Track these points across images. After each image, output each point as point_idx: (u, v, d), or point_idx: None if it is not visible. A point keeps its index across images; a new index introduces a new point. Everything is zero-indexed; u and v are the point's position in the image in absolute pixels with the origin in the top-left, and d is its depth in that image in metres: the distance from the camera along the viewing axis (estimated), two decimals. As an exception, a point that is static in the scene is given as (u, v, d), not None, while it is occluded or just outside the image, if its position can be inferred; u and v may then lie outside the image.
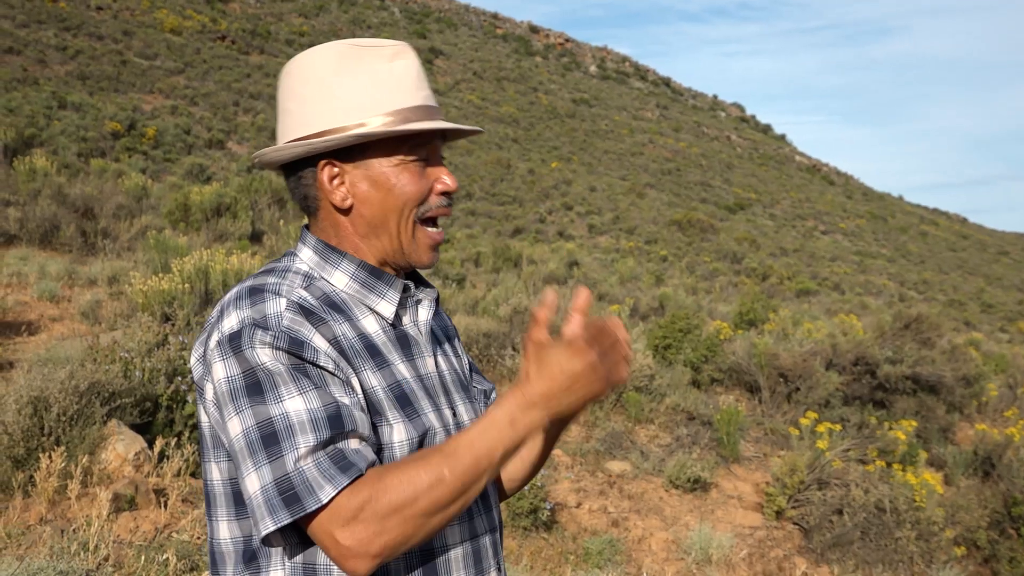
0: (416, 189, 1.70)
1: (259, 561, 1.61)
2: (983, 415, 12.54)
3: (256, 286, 1.64)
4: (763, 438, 9.79)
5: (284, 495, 1.43)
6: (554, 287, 17.18)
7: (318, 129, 1.67)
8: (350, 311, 1.70)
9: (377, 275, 1.73)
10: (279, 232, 14.20)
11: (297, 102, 1.71)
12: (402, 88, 1.69)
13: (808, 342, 11.89)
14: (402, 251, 1.73)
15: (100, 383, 5.93)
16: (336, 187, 1.70)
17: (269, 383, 1.51)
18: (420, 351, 1.76)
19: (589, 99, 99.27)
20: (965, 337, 20.49)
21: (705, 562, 6.89)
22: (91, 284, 11.18)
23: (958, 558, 7.83)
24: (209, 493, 1.68)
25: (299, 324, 1.58)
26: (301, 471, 1.44)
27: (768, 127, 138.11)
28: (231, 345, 1.55)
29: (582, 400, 1.48)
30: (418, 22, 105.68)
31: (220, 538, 1.67)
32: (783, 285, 31.61)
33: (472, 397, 1.88)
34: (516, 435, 1.47)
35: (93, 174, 22.64)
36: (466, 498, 1.47)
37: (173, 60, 53.19)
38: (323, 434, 1.47)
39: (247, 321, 1.57)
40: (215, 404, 1.58)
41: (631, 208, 54.71)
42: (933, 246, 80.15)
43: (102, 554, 4.64)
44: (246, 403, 1.51)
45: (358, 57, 1.69)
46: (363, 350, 1.65)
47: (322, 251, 1.73)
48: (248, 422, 1.49)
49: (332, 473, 1.43)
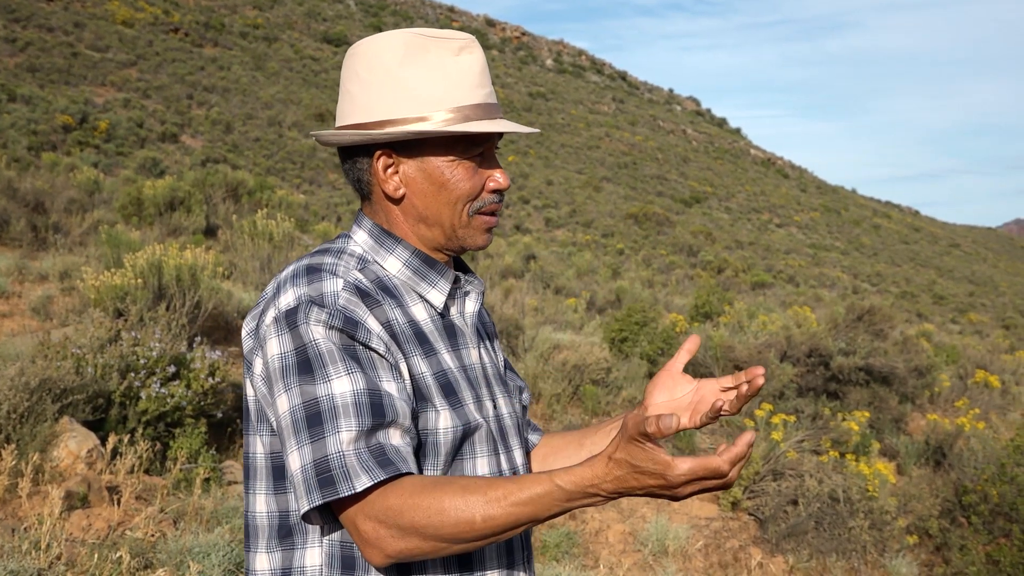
0: (469, 186, 1.72)
1: (294, 538, 1.65)
2: (935, 405, 12.71)
3: (313, 265, 1.66)
4: (719, 430, 9.86)
5: (320, 476, 1.47)
6: (511, 280, 17.20)
7: (378, 118, 1.69)
8: (401, 297, 1.72)
9: (430, 264, 1.76)
10: (233, 226, 14.06)
11: (360, 86, 1.72)
12: (465, 84, 1.70)
13: (763, 334, 12.00)
14: (456, 237, 1.76)
15: (51, 380, 5.86)
16: (389, 176, 1.73)
17: (319, 362, 1.54)
18: (465, 342, 1.79)
19: (546, 93, 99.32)
20: (917, 329, 20.76)
21: (662, 554, 6.93)
22: (42, 279, 11.02)
23: (910, 546, 7.94)
24: (250, 466, 1.71)
25: (355, 304, 1.60)
26: (341, 455, 1.47)
27: (724, 121, 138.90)
28: (287, 321, 1.58)
29: (638, 494, 1.44)
30: (374, 15, 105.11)
31: (256, 511, 1.70)
32: (738, 278, 31.83)
33: (510, 392, 1.91)
34: (564, 509, 1.45)
35: (44, 168, 22.37)
36: (491, 541, 1.48)
37: (125, 52, 52.57)
38: (366, 421, 1.50)
39: (304, 298, 1.59)
40: (264, 379, 1.61)
41: (588, 202, 54.89)
42: (886, 239, 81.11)
43: (54, 552, 4.58)
44: (295, 381, 1.54)
45: (424, 48, 1.69)
46: (413, 336, 1.68)
47: (377, 235, 1.76)
48: (295, 401, 1.53)
49: (370, 465, 1.47)
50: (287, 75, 64.47)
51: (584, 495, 1.42)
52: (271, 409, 1.60)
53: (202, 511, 5.63)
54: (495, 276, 17.90)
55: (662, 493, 1.41)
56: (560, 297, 16.91)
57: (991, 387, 13.48)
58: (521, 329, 11.12)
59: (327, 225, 20.10)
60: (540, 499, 1.43)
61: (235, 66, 60.68)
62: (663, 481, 1.39)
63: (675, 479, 1.38)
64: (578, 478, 1.42)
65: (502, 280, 17.32)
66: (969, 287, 60.37)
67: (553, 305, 15.14)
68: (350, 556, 1.61)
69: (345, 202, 34.65)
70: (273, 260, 12.11)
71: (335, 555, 1.61)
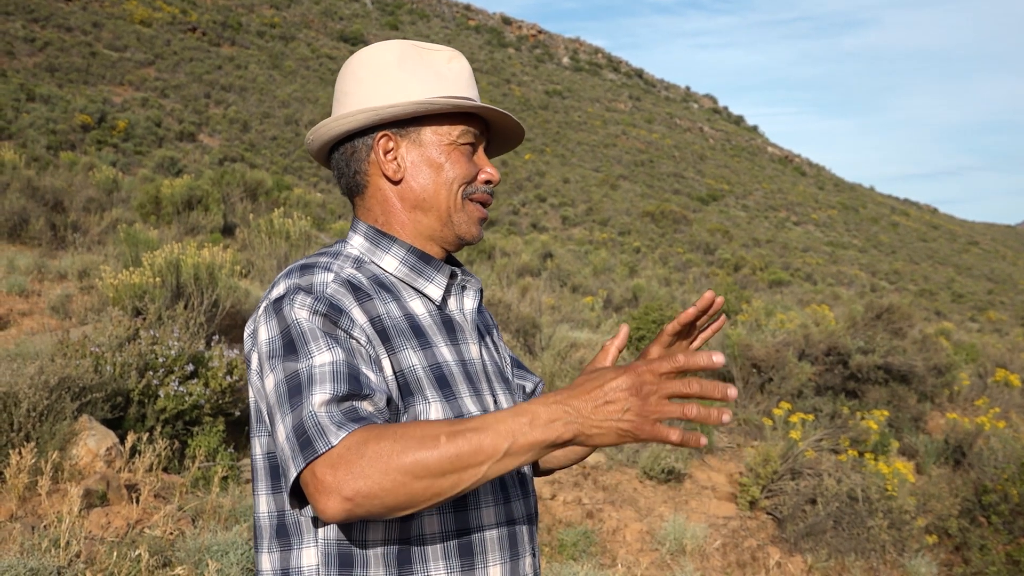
0: (464, 169, 1.80)
1: (291, 538, 1.65)
2: (954, 404, 12.65)
3: (307, 263, 1.71)
4: (736, 429, 9.83)
5: (300, 439, 1.45)
6: (528, 279, 17.18)
7: (381, 103, 1.77)
8: (398, 292, 1.76)
9: (426, 260, 1.80)
10: (250, 225, 14.10)
11: (357, 84, 1.81)
12: (458, 84, 1.81)
13: (781, 333, 11.95)
14: (451, 223, 1.81)
15: (70, 378, 5.88)
16: (390, 160, 1.79)
17: (301, 340, 1.56)
18: (464, 337, 1.81)
19: (562, 91, 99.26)
20: (936, 327, 20.65)
21: (679, 552, 6.91)
22: (61, 278, 11.08)
23: (930, 546, 7.89)
24: (254, 468, 1.73)
25: (342, 295, 1.64)
26: (315, 415, 1.45)
27: (740, 118, 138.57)
28: (274, 308, 1.63)
29: (612, 428, 1.37)
30: (390, 13, 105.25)
31: (260, 512, 1.71)
32: (756, 276, 31.75)
33: (512, 389, 1.92)
34: (530, 438, 1.38)
35: (63, 167, 22.45)
36: (458, 478, 1.38)
37: (143, 52, 52.80)
38: (342, 387, 1.49)
39: (292, 287, 1.64)
40: (258, 372, 1.62)
41: (604, 200, 54.82)
42: (904, 236, 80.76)
43: (73, 550, 4.60)
44: (280, 361, 1.56)
45: (418, 55, 1.81)
46: (407, 329, 1.71)
47: (372, 236, 1.81)
48: (279, 377, 1.54)
49: (342, 421, 1.44)
50: (304, 74, 64.65)
51: (547, 411, 1.38)
52: (263, 399, 1.59)
53: (220, 509, 5.64)
54: (512, 275, 17.89)
55: (622, 398, 1.36)
56: (577, 295, 16.90)
57: (1011, 386, 13.41)
58: (538, 327, 11.11)
59: (344, 223, 20.13)
60: (503, 420, 1.39)
61: (252, 65, 60.86)
62: (620, 371, 1.38)
63: (634, 368, 1.37)
64: (540, 399, 1.40)
65: (519, 279, 17.31)
66: (988, 285, 60.07)
67: (570, 303, 15.13)
68: (347, 554, 1.60)
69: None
70: (290, 258, 12.13)
71: (331, 554, 1.60)
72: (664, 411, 1.35)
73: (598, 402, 1.37)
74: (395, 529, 1.60)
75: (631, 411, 1.35)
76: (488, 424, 1.39)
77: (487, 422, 1.39)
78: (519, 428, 1.38)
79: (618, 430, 1.37)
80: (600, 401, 1.37)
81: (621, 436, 1.37)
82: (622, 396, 1.36)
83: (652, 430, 1.35)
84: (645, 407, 1.35)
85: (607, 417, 1.36)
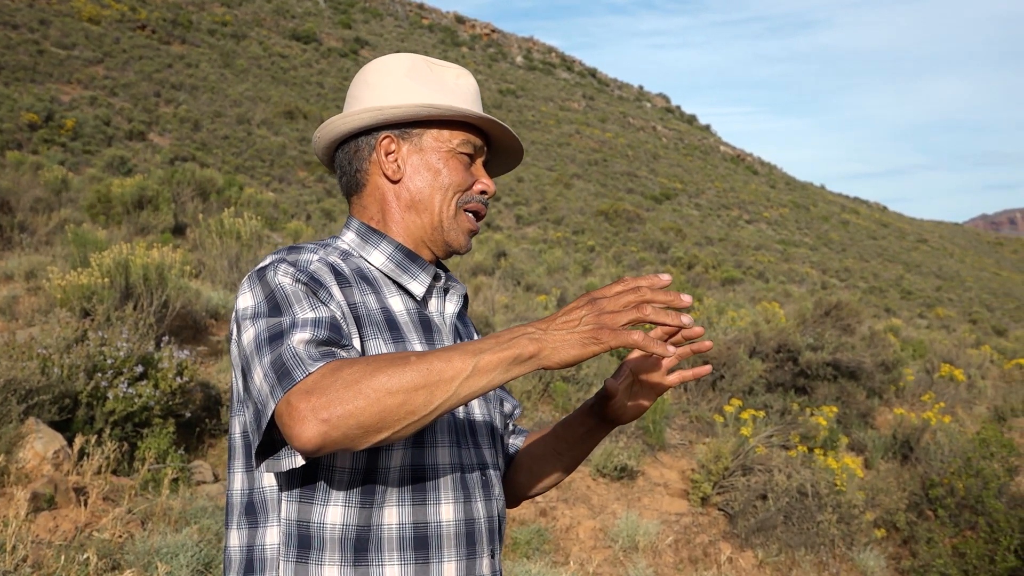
0: (461, 177, 1.87)
1: (258, 516, 1.68)
2: (901, 400, 12.82)
3: (296, 246, 1.78)
4: (688, 426, 9.91)
5: (279, 371, 1.48)
6: (481, 278, 17.20)
7: (388, 104, 1.84)
8: (379, 287, 1.81)
9: (412, 258, 1.85)
10: (201, 225, 13.97)
11: (366, 88, 1.89)
12: (465, 98, 1.89)
13: (732, 330, 12.06)
14: (442, 228, 1.87)
15: (17, 380, 5.81)
16: (391, 161, 1.86)
17: (286, 303, 1.61)
18: (440, 339, 1.84)
19: (516, 90, 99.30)
20: (885, 323, 20.94)
21: (632, 549, 6.96)
22: (7, 279, 10.92)
23: (878, 540, 8.01)
24: (231, 447, 1.76)
25: (324, 274, 1.70)
26: (293, 348, 1.50)
27: (693, 117, 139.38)
28: (258, 275, 1.68)
29: (572, 339, 1.44)
30: (343, 12, 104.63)
31: (233, 489, 1.74)
32: (708, 274, 31.96)
33: (488, 399, 1.96)
34: (496, 353, 1.44)
35: (9, 166, 22.09)
36: (429, 394, 1.42)
37: (92, 50, 52.07)
38: (323, 333, 1.54)
39: (277, 259, 1.70)
40: (236, 340, 1.64)
41: (558, 199, 54.92)
42: (854, 234, 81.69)
43: (20, 555, 4.55)
44: (264, 318, 1.60)
45: (428, 67, 1.89)
46: (382, 322, 1.75)
47: (364, 233, 1.87)
48: (261, 327, 1.58)
49: (319, 357, 1.49)
50: (256, 72, 64.14)
51: (512, 331, 1.47)
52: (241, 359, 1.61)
53: (170, 511, 5.60)
54: (465, 273, 17.89)
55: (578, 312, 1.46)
56: (531, 294, 16.92)
57: (956, 381, 13.62)
58: (491, 326, 11.12)
59: (297, 223, 20.01)
60: (465, 344, 1.47)
61: (203, 63, 60.27)
62: (581, 296, 1.48)
63: (592, 291, 1.48)
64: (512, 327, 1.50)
65: (472, 277, 17.32)
66: (936, 282, 60.95)
67: (524, 302, 15.13)
68: (306, 536, 1.63)
69: (315, 200, 34.53)
70: (241, 258, 12.05)
71: (291, 535, 1.64)
72: (620, 317, 1.44)
73: (557, 320, 1.46)
74: (353, 515, 1.63)
75: (588, 318, 1.45)
76: (455, 347, 1.46)
77: (454, 346, 1.47)
78: (485, 346, 1.45)
79: (580, 338, 1.44)
80: (560, 320, 1.46)
81: (583, 343, 1.44)
82: (577, 309, 1.46)
83: (613, 334, 1.42)
84: (602, 316, 1.44)
85: (566, 328, 1.45)
